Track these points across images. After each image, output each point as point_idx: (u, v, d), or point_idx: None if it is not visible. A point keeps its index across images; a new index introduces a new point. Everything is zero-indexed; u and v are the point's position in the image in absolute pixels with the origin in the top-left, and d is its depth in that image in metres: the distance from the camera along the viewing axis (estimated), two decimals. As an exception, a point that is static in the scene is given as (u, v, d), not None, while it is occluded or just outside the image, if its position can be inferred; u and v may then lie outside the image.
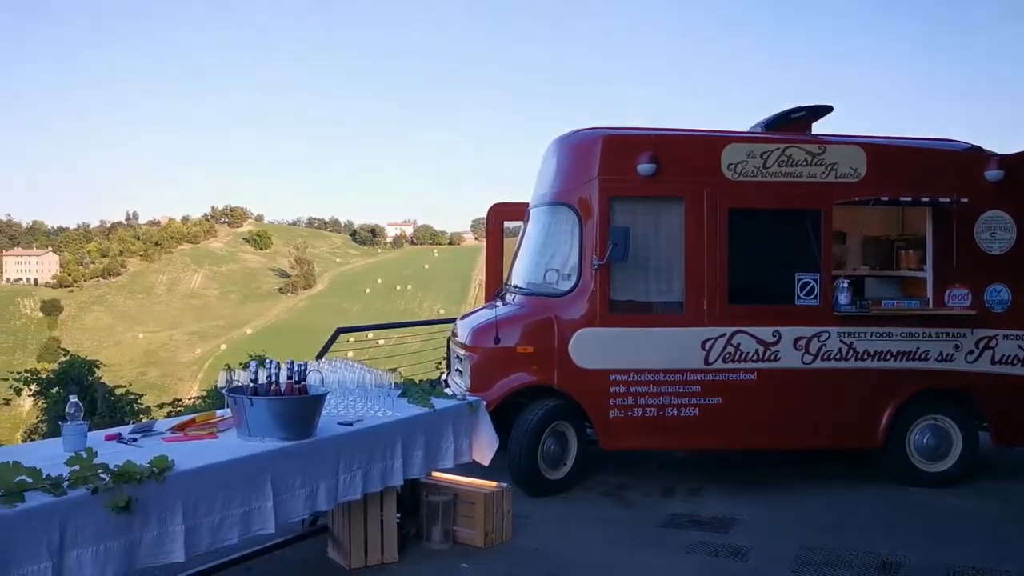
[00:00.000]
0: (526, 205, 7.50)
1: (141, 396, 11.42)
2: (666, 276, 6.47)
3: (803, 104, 7.11)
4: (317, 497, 4.03)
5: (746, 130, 7.16)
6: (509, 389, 6.29)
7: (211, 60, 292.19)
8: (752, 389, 6.36)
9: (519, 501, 5.65)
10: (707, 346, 6.34)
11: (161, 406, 10.85)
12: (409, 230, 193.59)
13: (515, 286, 7.07)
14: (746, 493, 6.39)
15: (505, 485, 5.31)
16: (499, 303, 6.99)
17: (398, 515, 4.81)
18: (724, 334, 6.35)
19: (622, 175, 6.43)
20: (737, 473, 6.99)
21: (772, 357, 6.38)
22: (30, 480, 2.95)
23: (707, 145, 6.59)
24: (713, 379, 6.34)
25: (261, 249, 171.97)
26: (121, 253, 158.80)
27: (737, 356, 6.35)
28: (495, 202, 8.34)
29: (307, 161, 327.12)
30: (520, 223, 7.69)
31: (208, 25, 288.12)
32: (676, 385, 6.34)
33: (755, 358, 6.37)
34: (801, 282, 6.48)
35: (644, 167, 6.36)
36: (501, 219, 8.45)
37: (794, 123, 7.10)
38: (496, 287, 7.66)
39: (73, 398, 3.74)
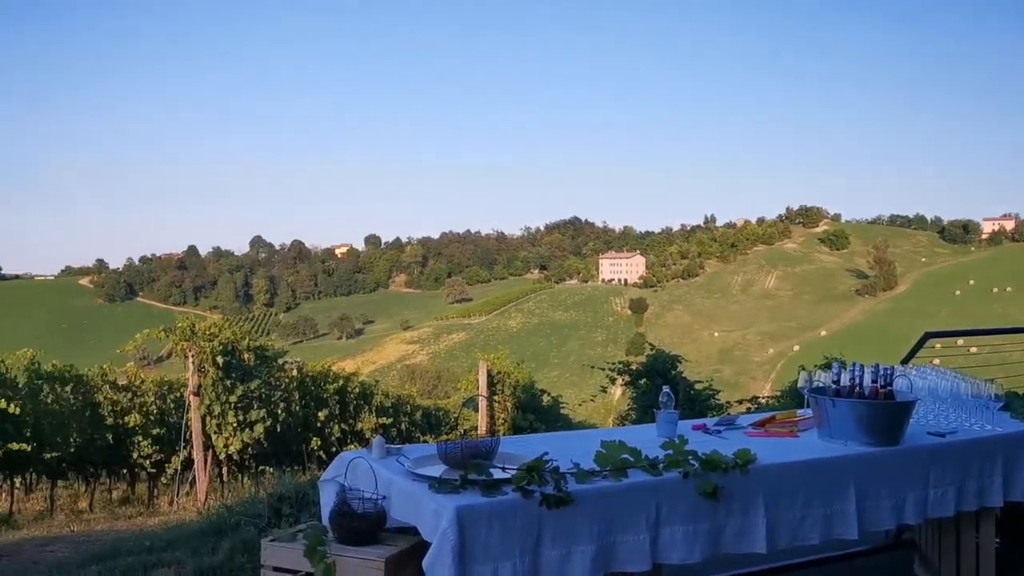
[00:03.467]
0: None
1: (718, 392, 11.97)
2: None
3: None
4: (904, 509, 3.78)
5: None
6: None
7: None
8: None
9: None
10: None
11: (740, 402, 11.23)
12: (1009, 225, 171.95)
13: None
14: None
15: None
16: None
17: (997, 540, 4.29)
18: None
19: None
20: None
21: None
22: (631, 459, 3.27)
23: None
24: None
25: (837, 249, 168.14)
26: (699, 255, 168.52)
27: None
28: None
29: (888, 156, 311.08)
30: None
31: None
32: None
33: None
34: None
35: None
36: None
37: None
38: None
39: (666, 388, 4.05)
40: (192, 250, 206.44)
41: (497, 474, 3.02)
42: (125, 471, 16.05)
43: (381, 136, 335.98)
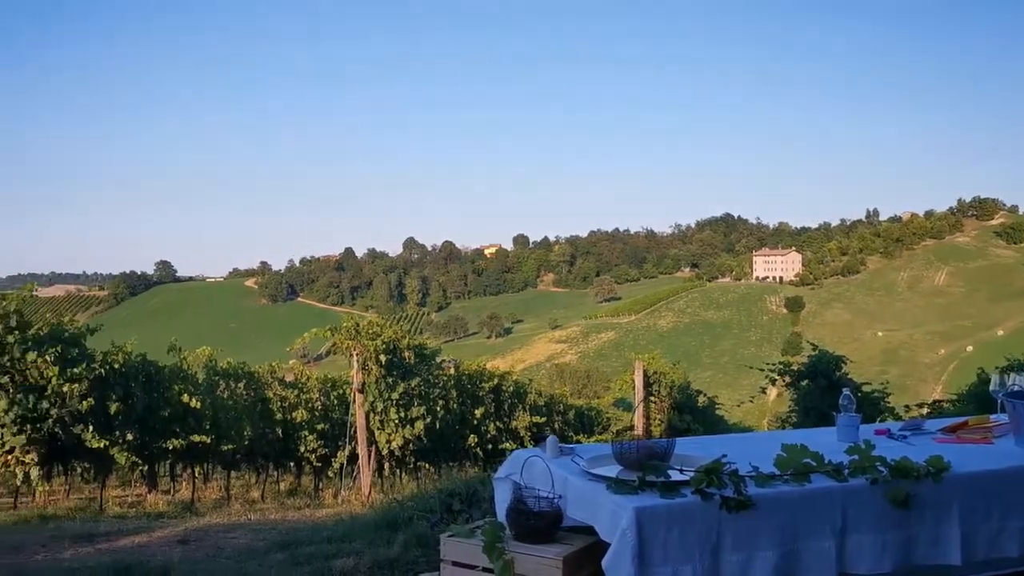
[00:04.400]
0: None
1: (888, 395, 11.38)
2: None
3: None
4: (1118, 525, 3.47)
5: None
6: None
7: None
8: None
9: None
10: None
11: (920, 405, 10.64)
12: None
13: None
14: None
15: None
16: None
17: None
18: None
19: None
20: None
21: None
22: (814, 463, 3.15)
23: None
24: None
25: (1015, 243, 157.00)
26: (861, 251, 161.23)
27: None
28: None
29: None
30: None
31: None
32: None
33: None
34: None
35: None
36: None
37: None
38: None
39: (846, 391, 3.88)
40: (349, 252, 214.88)
41: (675, 476, 2.97)
42: (292, 464, 16.90)
43: (529, 135, 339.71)
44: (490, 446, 14.80)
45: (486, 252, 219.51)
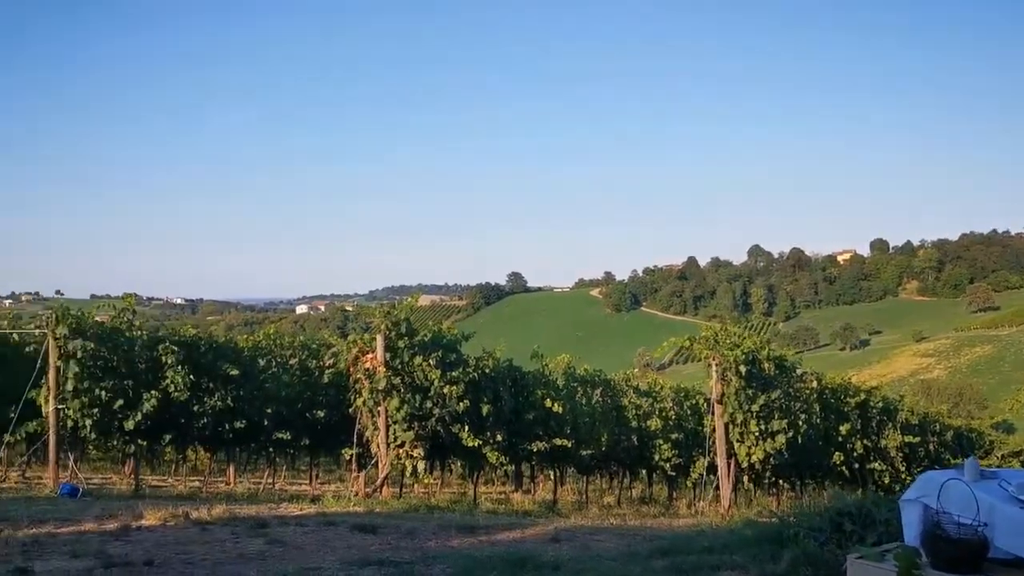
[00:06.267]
0: None
1: None
2: None
3: None
4: None
5: None
6: None
7: None
8: None
9: None
10: None
11: None
12: None
13: None
14: None
15: None
16: None
17: None
18: None
19: None
20: None
21: None
22: None
23: None
24: None
25: None
26: None
27: None
28: None
29: None
30: None
31: None
32: None
33: None
34: None
35: None
36: None
37: None
38: None
39: None
40: (691, 261, 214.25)
41: None
42: (643, 471, 17.07)
43: (886, 127, 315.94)
44: (856, 465, 13.84)
45: (839, 259, 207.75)
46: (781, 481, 14.75)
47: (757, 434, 10.58)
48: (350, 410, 10.69)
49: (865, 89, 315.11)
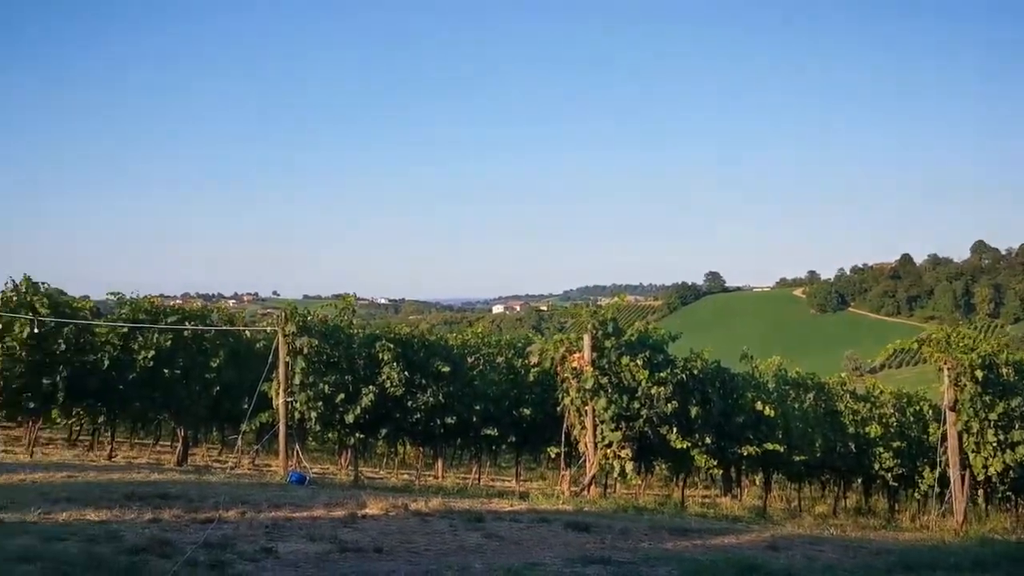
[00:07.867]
0: None
1: None
2: None
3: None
4: None
5: None
6: None
7: None
8: None
9: None
10: None
11: None
12: None
13: None
14: None
15: None
16: None
17: None
18: None
19: None
20: None
21: None
22: None
23: None
24: None
25: None
26: None
27: None
28: None
29: None
30: None
31: None
32: None
33: None
34: None
35: None
36: None
37: None
38: None
39: None
40: (906, 258, 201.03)
41: None
42: (859, 481, 16.10)
43: None
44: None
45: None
46: (1017, 497, 13.50)
47: (995, 444, 9.73)
48: (556, 409, 10.76)
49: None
